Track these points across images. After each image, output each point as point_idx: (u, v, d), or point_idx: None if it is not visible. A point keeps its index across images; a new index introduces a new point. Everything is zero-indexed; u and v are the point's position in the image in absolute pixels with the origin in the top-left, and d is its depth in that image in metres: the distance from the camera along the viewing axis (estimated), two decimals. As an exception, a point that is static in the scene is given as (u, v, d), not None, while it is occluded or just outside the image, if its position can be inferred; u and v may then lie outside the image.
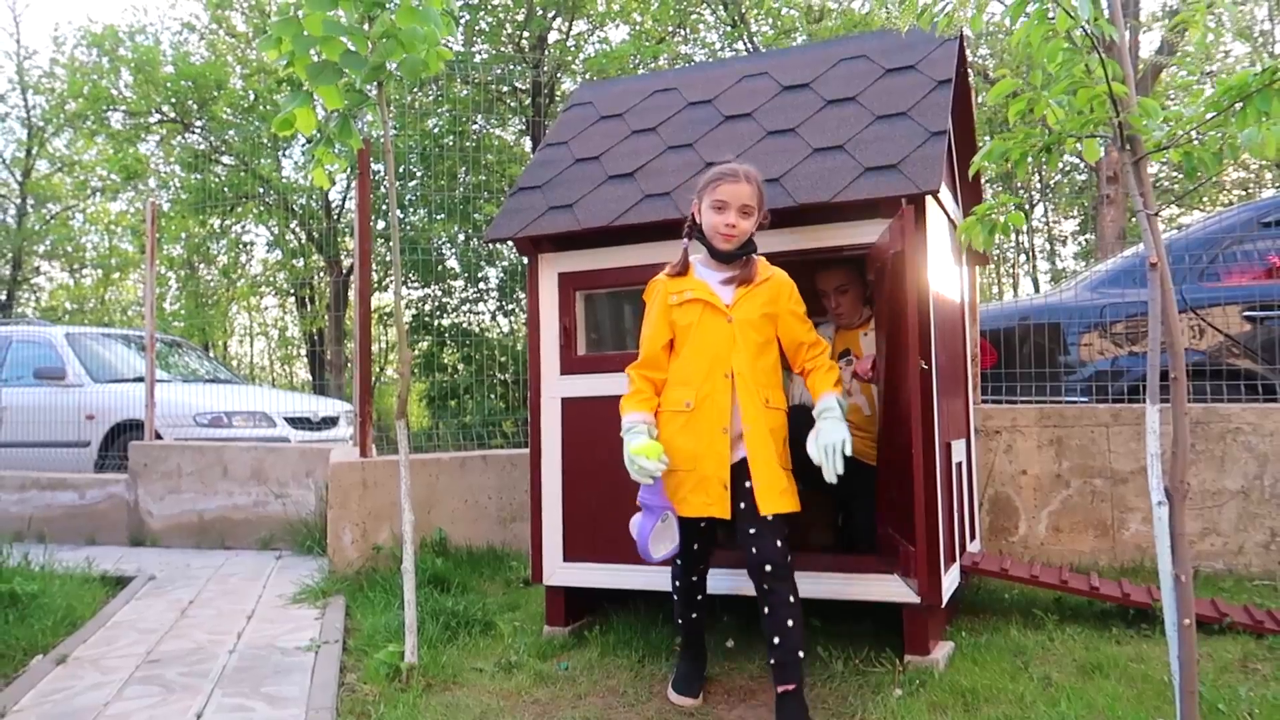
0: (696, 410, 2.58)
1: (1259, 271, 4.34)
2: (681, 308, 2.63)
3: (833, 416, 2.57)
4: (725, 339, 2.60)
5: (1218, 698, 2.56)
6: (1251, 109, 2.09)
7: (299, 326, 22.47)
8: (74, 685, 3.04)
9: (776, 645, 2.50)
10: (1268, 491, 3.78)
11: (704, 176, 2.70)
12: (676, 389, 2.62)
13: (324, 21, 2.99)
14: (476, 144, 13.56)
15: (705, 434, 2.56)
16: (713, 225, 2.64)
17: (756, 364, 2.61)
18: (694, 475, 2.56)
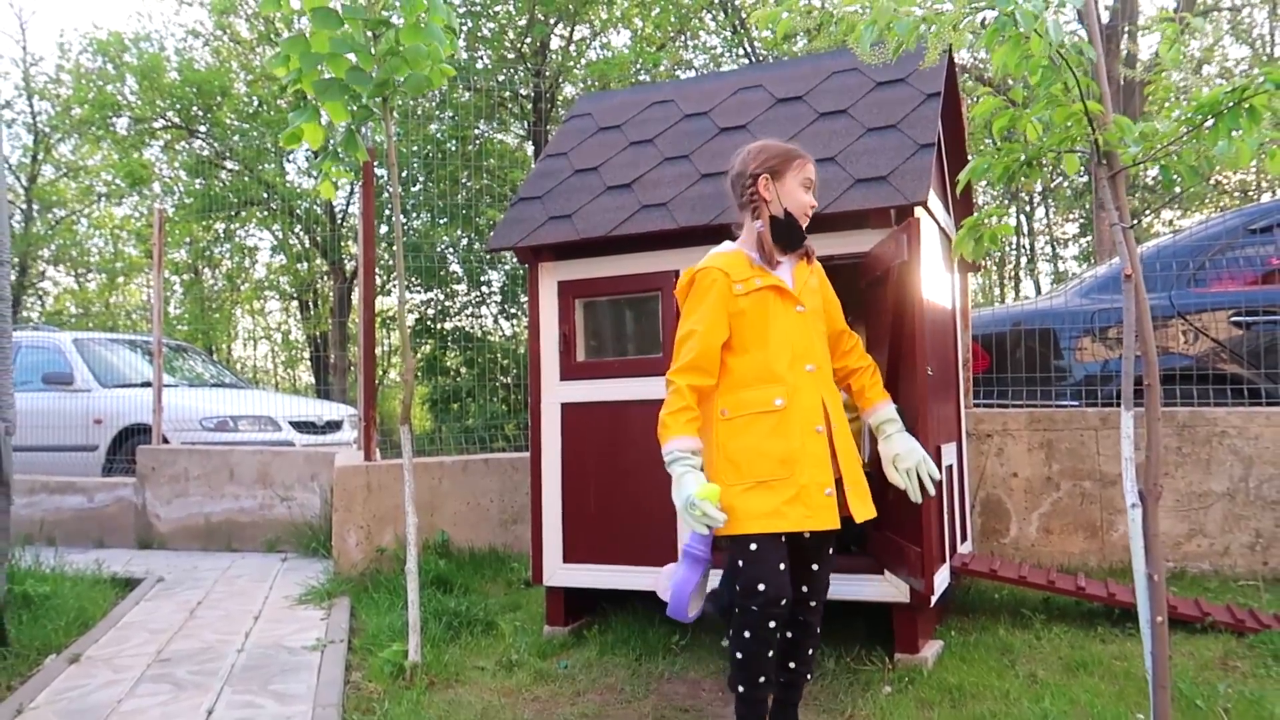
0: (790, 408, 2.28)
1: (1247, 278, 4.42)
2: (749, 297, 2.33)
3: (900, 429, 2.47)
4: (800, 329, 2.36)
5: (1196, 694, 2.64)
6: (1222, 126, 2.19)
7: (302, 330, 22.59)
8: (87, 684, 3.13)
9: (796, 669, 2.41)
10: (1253, 493, 3.86)
11: (760, 153, 2.44)
12: (760, 387, 2.31)
13: (331, 40, 3.08)
14: (479, 149, 13.67)
15: (799, 435, 2.27)
16: (801, 205, 2.41)
17: (825, 354, 2.43)
18: (788, 484, 2.24)
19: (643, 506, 3.34)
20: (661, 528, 3.29)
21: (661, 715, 2.77)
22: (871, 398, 2.52)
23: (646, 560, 3.33)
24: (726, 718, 2.71)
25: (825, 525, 2.25)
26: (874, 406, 2.52)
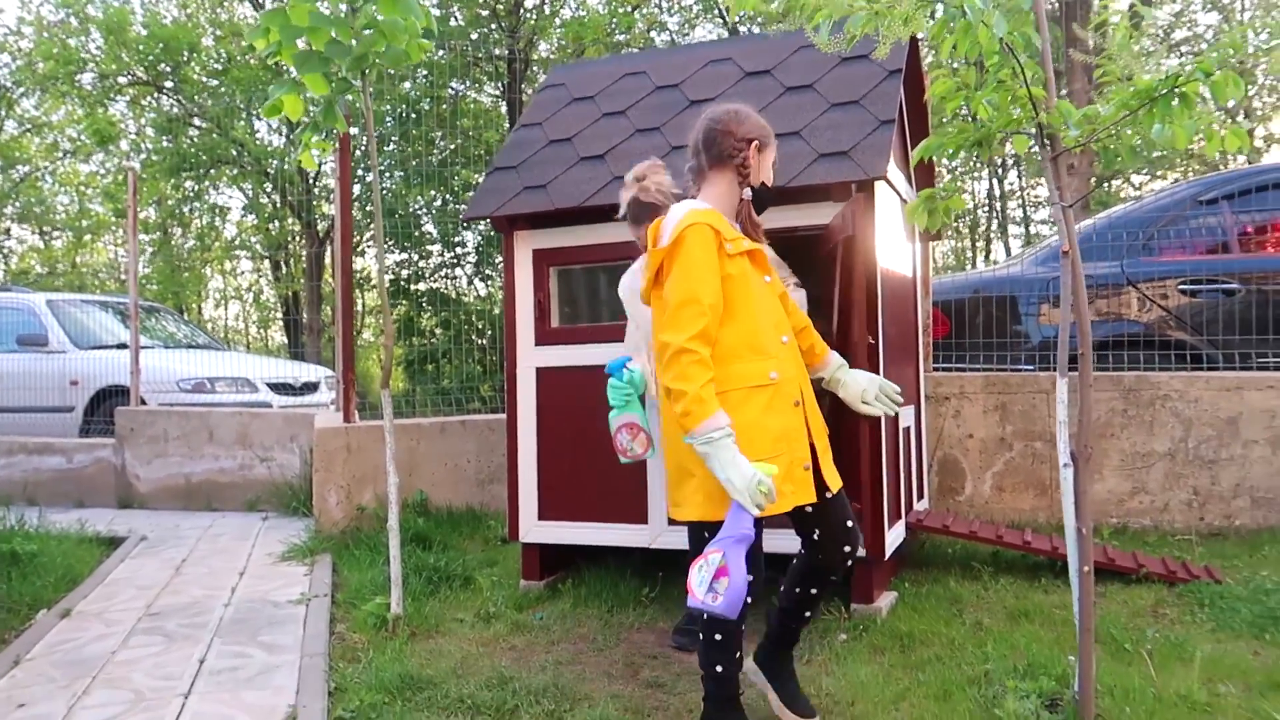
0: (781, 381, 2.19)
1: (1196, 248, 4.61)
2: (735, 260, 2.19)
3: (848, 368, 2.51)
4: (772, 299, 2.29)
5: (1125, 638, 2.85)
6: (1157, 111, 2.33)
7: (274, 290, 22.47)
8: (80, 636, 3.26)
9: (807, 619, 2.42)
10: (1191, 454, 4.08)
11: (758, 123, 2.37)
12: (752, 359, 2.17)
13: (310, 13, 3.15)
14: (453, 109, 13.61)
15: (786, 410, 2.19)
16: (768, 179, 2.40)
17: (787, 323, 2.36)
18: (783, 461, 2.13)
19: (614, 467, 3.48)
20: (631, 487, 3.45)
21: (631, 662, 2.94)
22: (820, 352, 2.49)
23: (617, 518, 3.50)
24: (693, 664, 2.89)
25: (805, 500, 2.18)
26: (824, 359, 2.49)
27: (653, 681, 2.76)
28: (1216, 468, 4.04)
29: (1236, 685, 2.50)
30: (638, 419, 2.86)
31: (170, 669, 2.88)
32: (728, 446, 2.00)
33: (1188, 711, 2.33)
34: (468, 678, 2.78)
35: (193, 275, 20.15)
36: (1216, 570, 3.42)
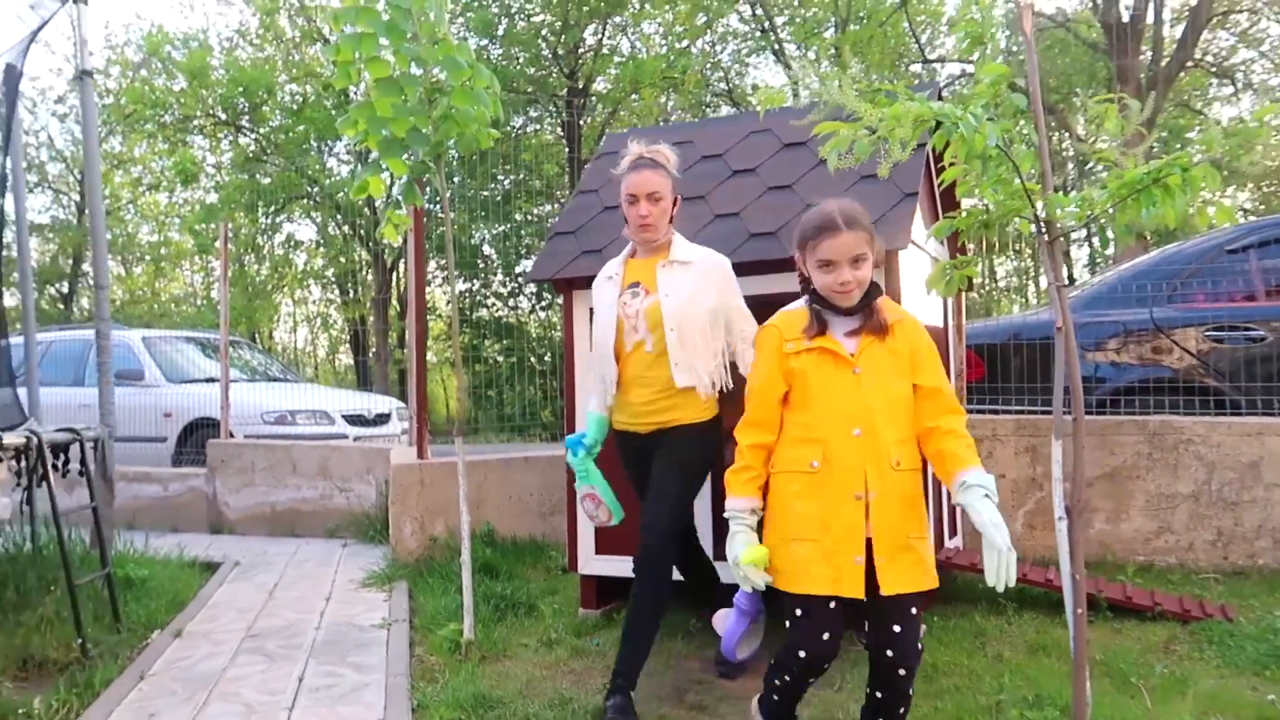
0: (824, 472, 2.25)
1: (1223, 295, 4.81)
2: (799, 356, 2.32)
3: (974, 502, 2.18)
4: (851, 392, 2.28)
5: (1133, 672, 3.10)
6: (1144, 199, 2.62)
7: (342, 315, 23.31)
8: (192, 655, 3.70)
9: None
10: (1215, 495, 4.28)
11: (800, 224, 2.41)
12: (798, 447, 2.31)
13: (393, 105, 3.58)
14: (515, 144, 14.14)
15: (834, 500, 2.24)
16: (825, 286, 2.33)
17: (886, 420, 2.27)
18: (818, 547, 2.22)
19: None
20: (680, 525, 3.78)
21: (679, 686, 3.27)
22: (950, 465, 2.25)
23: (667, 553, 3.83)
24: (735, 690, 3.21)
25: (849, 593, 2.20)
26: (953, 474, 2.24)
27: (697, 705, 3.08)
28: (1239, 509, 4.24)
29: (1227, 718, 2.73)
30: (596, 490, 3.24)
31: (274, 685, 3.30)
32: (731, 528, 2.36)
33: (1177, 741, 2.58)
34: (532, 698, 3.14)
35: (266, 303, 21.03)
36: (1230, 609, 3.63)
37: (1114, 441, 4.45)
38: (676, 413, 3.13)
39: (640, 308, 3.12)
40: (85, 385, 8.43)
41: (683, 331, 3.05)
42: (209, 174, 20.21)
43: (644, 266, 3.22)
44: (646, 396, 3.12)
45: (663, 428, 3.13)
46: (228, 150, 19.51)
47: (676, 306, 3.06)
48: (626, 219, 3.21)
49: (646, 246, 3.22)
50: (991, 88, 2.72)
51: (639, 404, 3.15)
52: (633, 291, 3.17)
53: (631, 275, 3.23)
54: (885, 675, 2.28)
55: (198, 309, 22.11)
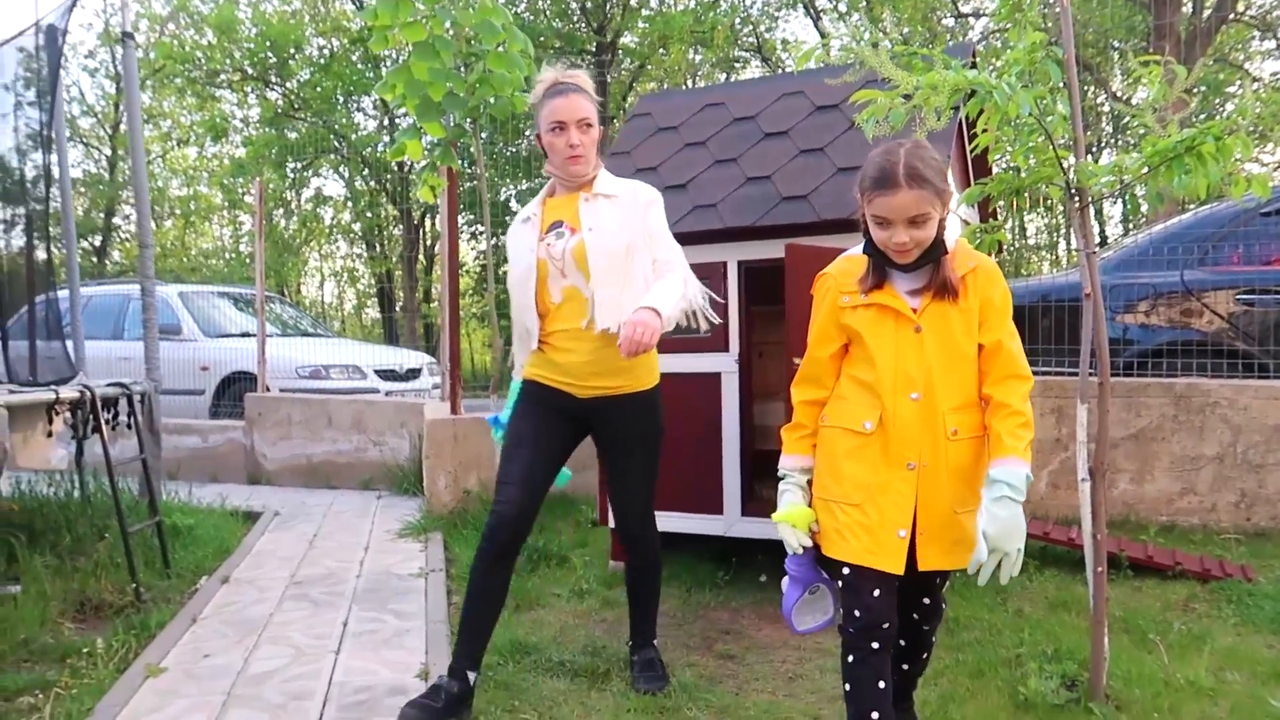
0: (877, 435, 2.07)
1: (1255, 258, 4.80)
2: (855, 311, 2.12)
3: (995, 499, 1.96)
4: (911, 353, 2.07)
5: (1151, 629, 3.18)
6: (1176, 167, 2.64)
7: (369, 269, 23.52)
8: (240, 600, 3.87)
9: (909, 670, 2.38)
10: (1240, 458, 4.32)
11: (863, 166, 2.12)
12: (854, 406, 2.12)
13: (430, 69, 3.64)
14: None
15: (883, 466, 2.06)
16: (880, 242, 2.08)
17: (947, 384, 2.06)
18: (859, 512, 2.05)
19: (689, 463, 3.93)
20: (708, 481, 3.89)
21: (707, 636, 3.39)
22: (994, 449, 2.03)
23: (695, 508, 3.94)
24: (761, 639, 3.32)
25: (887, 567, 2.03)
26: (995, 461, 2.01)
27: (725, 654, 3.20)
28: (1264, 472, 4.27)
29: (1243, 674, 2.81)
30: None
31: (320, 630, 3.45)
32: (783, 486, 2.22)
33: (1192, 695, 2.67)
34: (566, 645, 3.26)
35: (295, 259, 21.22)
36: (1251, 569, 3.69)
37: (1140, 403, 4.49)
38: (626, 377, 2.73)
39: (566, 248, 2.67)
40: (124, 339, 8.63)
41: (609, 269, 2.62)
42: (237, 129, 20.34)
43: (566, 204, 2.76)
44: (585, 354, 2.67)
45: (609, 395, 2.72)
46: (254, 104, 19.59)
47: (600, 241, 2.64)
48: (548, 151, 2.74)
49: (572, 181, 2.75)
50: (1029, 54, 2.74)
51: (577, 363, 2.68)
52: (556, 233, 2.71)
53: (551, 215, 2.77)
54: (910, 629, 2.29)
55: (227, 263, 22.38)
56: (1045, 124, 2.68)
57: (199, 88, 17.79)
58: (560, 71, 2.80)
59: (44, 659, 3.20)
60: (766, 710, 2.70)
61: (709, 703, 2.76)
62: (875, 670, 2.07)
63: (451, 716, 2.57)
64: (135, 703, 2.76)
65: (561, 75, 2.78)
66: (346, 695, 2.81)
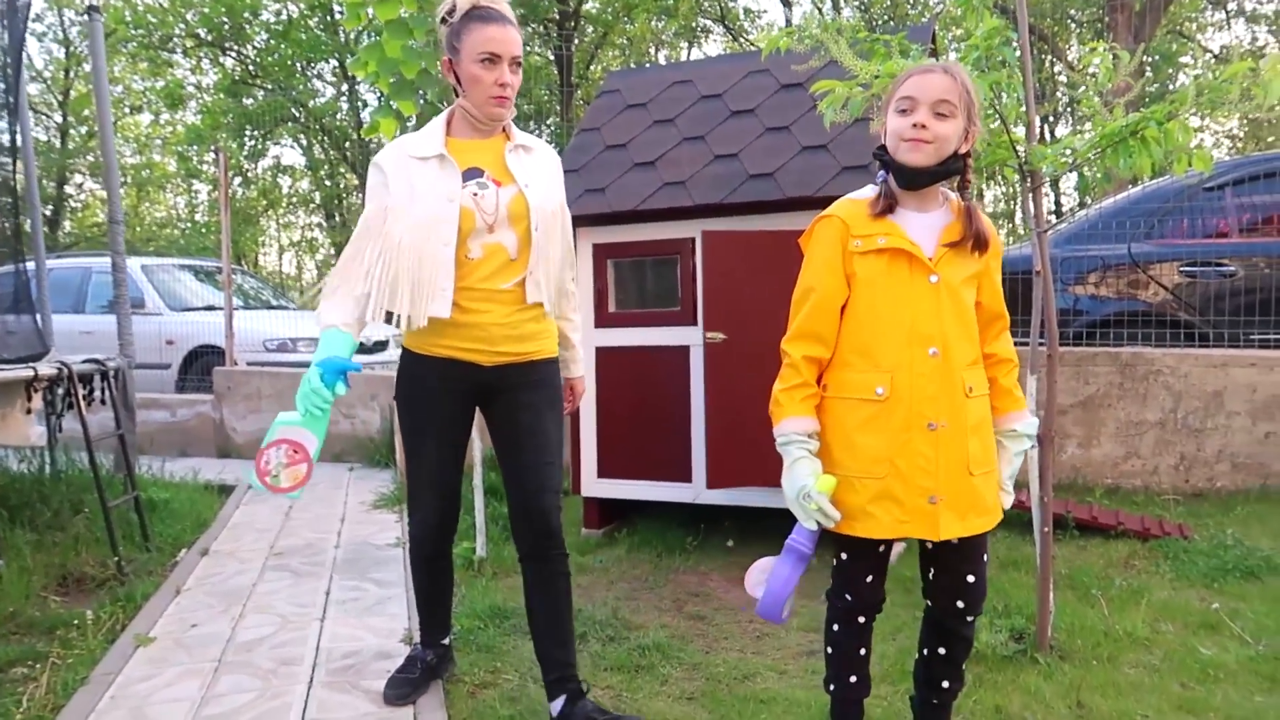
0: (892, 399, 1.90)
1: (1198, 231, 5.01)
2: (865, 257, 1.93)
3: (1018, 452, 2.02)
4: (927, 304, 1.91)
5: (1094, 584, 3.39)
6: (1123, 149, 2.80)
7: (329, 239, 23.27)
8: (222, 571, 3.95)
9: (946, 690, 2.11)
10: (1180, 423, 4.55)
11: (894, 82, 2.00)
12: (860, 371, 1.94)
13: (403, 47, 3.68)
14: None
15: (903, 431, 1.89)
16: (896, 133, 1.91)
17: (961, 338, 1.93)
18: (882, 485, 1.90)
19: (661, 433, 4.07)
20: (677, 451, 4.03)
21: (677, 598, 3.54)
22: (1000, 405, 2.02)
23: (664, 477, 4.09)
24: (729, 600, 3.48)
25: (920, 534, 1.91)
26: (1002, 416, 2.02)
27: (695, 614, 3.36)
28: (1202, 436, 4.51)
29: (1176, 625, 3.03)
30: (313, 441, 2.21)
31: (303, 599, 3.55)
32: (789, 453, 1.93)
33: (1130, 645, 2.87)
34: (544, 609, 3.40)
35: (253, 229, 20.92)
36: (1187, 528, 3.93)
37: (1088, 372, 4.70)
38: (540, 341, 2.43)
39: (500, 201, 2.31)
40: (86, 312, 8.56)
41: (547, 232, 2.37)
42: (192, 95, 19.93)
43: (480, 150, 2.36)
44: (499, 317, 2.33)
45: (518, 361, 2.39)
46: (210, 69, 19.21)
47: (539, 200, 2.36)
48: (465, 84, 2.29)
49: (489, 125, 2.36)
50: (985, 40, 2.87)
51: (491, 325, 2.33)
52: (478, 182, 2.32)
53: (462, 159, 2.33)
54: (950, 626, 2.05)
55: (183, 232, 22.01)
56: (1000, 108, 2.82)
57: (153, 54, 17.39)
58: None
59: (32, 631, 3.27)
60: (735, 666, 2.86)
61: (680, 660, 2.92)
62: (859, 639, 2.06)
63: (435, 678, 2.70)
64: (129, 670, 2.85)
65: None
66: (334, 660, 2.93)
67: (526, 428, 2.41)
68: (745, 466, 3.75)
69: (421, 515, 2.56)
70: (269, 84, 17.08)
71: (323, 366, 2.17)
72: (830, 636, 2.10)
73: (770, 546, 2.00)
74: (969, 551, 1.99)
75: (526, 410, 2.42)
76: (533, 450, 2.41)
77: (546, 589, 2.48)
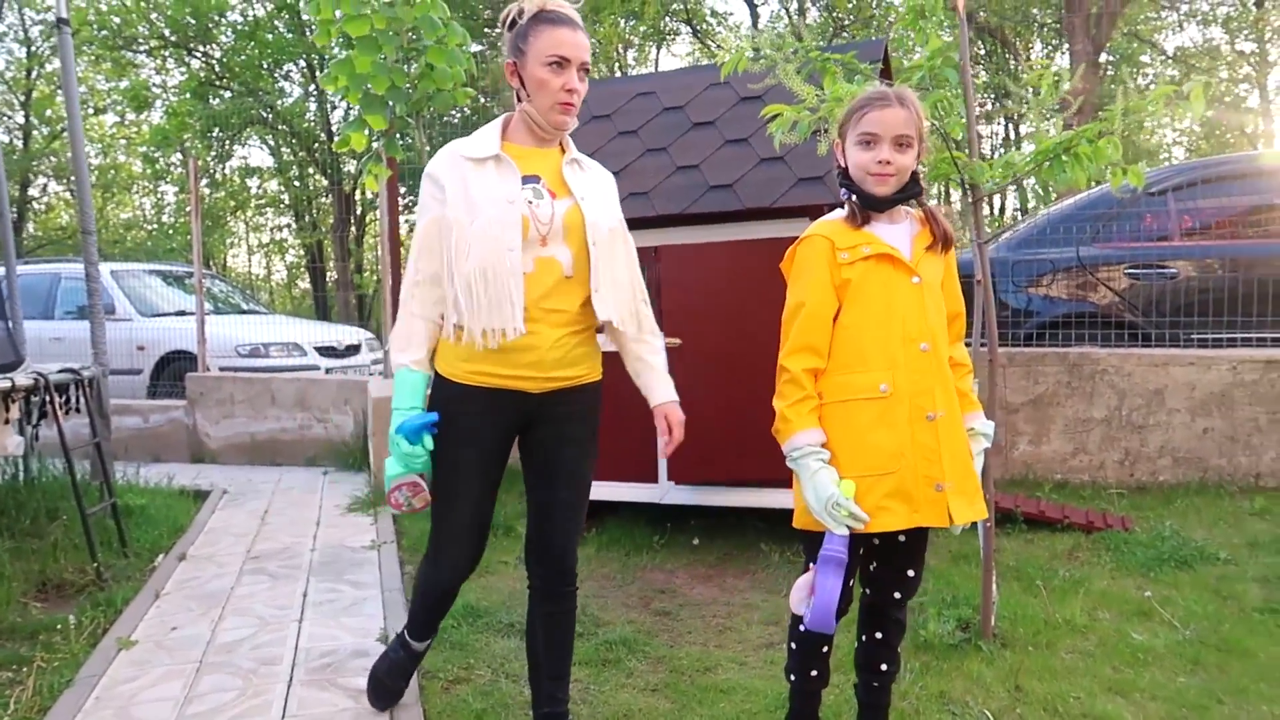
0: (894, 395, 2.01)
1: (1144, 235, 5.22)
2: (855, 266, 2.05)
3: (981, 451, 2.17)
4: (914, 302, 2.05)
5: (1038, 575, 3.57)
6: (1056, 165, 2.97)
7: (299, 240, 23.19)
8: (200, 575, 4.04)
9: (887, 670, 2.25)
10: (1124, 420, 4.76)
11: (845, 110, 2.15)
12: (862, 371, 2.04)
13: (373, 63, 3.80)
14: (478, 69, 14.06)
15: (907, 424, 2.00)
16: (861, 166, 2.07)
17: (941, 335, 2.10)
18: (893, 479, 1.98)
19: (627, 436, 4.20)
20: (644, 453, 4.17)
21: (644, 595, 3.68)
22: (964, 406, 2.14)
23: (632, 478, 4.22)
24: (694, 597, 3.63)
25: (932, 522, 2.01)
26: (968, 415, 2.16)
27: (660, 610, 3.50)
28: (1145, 432, 4.72)
29: (1112, 612, 3.22)
30: (423, 476, 2.27)
31: (281, 601, 3.65)
32: (807, 465, 2.00)
33: (1068, 632, 3.05)
34: (514, 608, 3.53)
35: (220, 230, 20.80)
36: (1129, 520, 4.12)
37: (1038, 371, 4.89)
38: (587, 365, 2.30)
39: (556, 212, 2.18)
40: (55, 319, 8.56)
41: (608, 249, 2.25)
42: (157, 96, 19.79)
43: (538, 158, 2.25)
44: (553, 339, 2.18)
45: (565, 387, 2.26)
46: (175, 69, 19.08)
47: (597, 215, 2.24)
48: (532, 89, 2.17)
49: (550, 133, 2.25)
50: (929, 61, 3.04)
51: (544, 348, 2.17)
52: (534, 189, 2.20)
53: (522, 164, 2.22)
54: (887, 613, 2.20)
55: (150, 234, 21.84)
56: (944, 126, 2.98)
57: (117, 54, 17.26)
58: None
59: (14, 637, 3.35)
60: (698, 659, 3.01)
61: (646, 654, 3.06)
62: (824, 641, 2.17)
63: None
64: (112, 672, 2.95)
65: (554, 1, 2.21)
66: (313, 659, 3.04)
67: (568, 466, 2.30)
68: (706, 463, 3.90)
69: (453, 561, 2.32)
70: (236, 85, 17.01)
71: (402, 431, 2.15)
72: (794, 634, 2.19)
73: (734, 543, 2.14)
74: (914, 548, 2.15)
75: (572, 445, 2.30)
76: (569, 489, 2.30)
77: (554, 625, 2.39)
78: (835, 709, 2.58)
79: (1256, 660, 2.79)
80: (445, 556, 2.33)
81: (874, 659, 2.24)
